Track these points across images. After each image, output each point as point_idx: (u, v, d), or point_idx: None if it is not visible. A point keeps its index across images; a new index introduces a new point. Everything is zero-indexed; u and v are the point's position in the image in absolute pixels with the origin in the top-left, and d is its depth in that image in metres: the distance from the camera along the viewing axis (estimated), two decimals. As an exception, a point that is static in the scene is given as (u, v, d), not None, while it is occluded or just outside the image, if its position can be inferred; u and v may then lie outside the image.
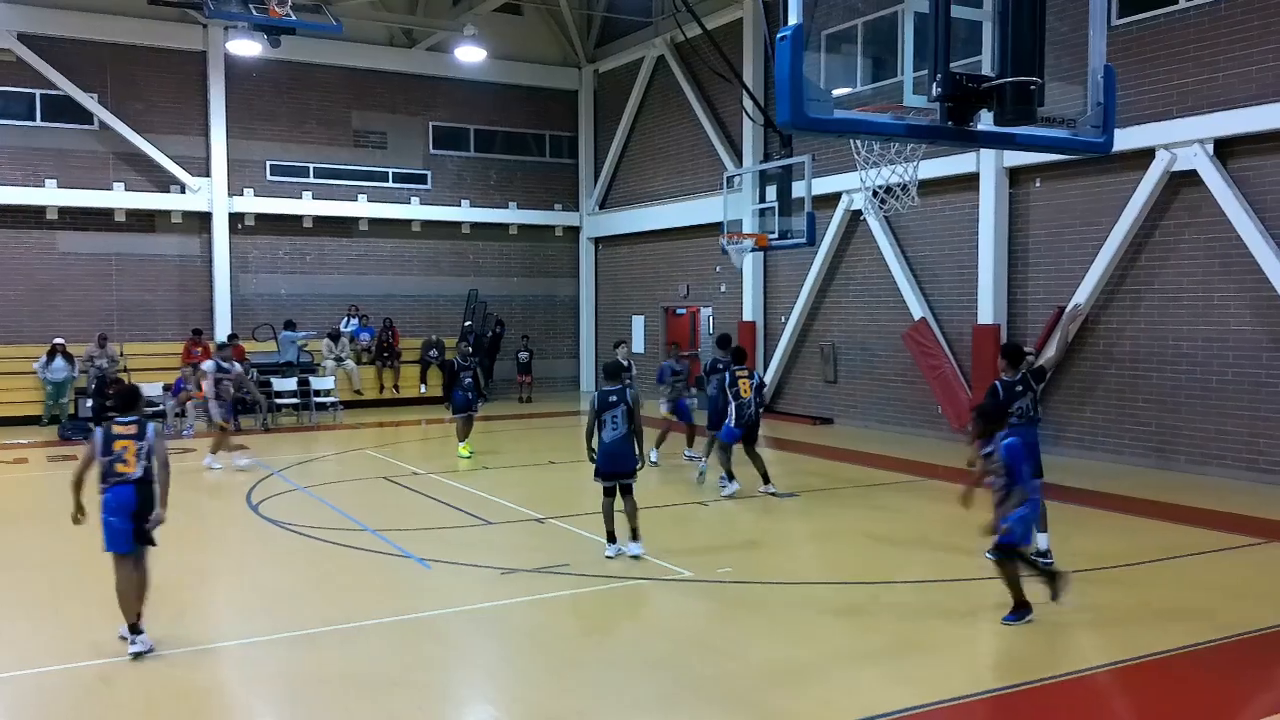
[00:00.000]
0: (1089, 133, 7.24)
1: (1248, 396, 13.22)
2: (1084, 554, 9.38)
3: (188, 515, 12.26)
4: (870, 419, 18.68)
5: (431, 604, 8.24)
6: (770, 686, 6.39)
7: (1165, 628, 7.45)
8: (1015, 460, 7.41)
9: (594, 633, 7.73)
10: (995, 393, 9.01)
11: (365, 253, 24.73)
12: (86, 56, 21.41)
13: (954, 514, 11.67)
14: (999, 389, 9.03)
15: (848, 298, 19.40)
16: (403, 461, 15.36)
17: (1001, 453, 7.47)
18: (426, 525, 11.10)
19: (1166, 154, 13.76)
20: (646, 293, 25.29)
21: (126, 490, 7.00)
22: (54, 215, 21.47)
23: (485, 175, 25.94)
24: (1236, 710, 6.16)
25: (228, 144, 22.71)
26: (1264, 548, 9.93)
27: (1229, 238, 13.26)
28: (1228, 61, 13.21)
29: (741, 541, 11.08)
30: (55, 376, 19.16)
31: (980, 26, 7.16)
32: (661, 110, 24.28)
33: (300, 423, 20.27)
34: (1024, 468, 7.51)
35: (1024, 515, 7.49)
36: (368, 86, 24.40)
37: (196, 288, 22.83)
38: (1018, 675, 6.57)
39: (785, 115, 6.19)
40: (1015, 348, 9.56)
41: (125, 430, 7.04)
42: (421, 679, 6.56)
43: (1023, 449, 7.51)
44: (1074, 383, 15.23)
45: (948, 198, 16.82)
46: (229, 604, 8.57)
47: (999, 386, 9.06)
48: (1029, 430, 9.06)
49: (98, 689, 6.47)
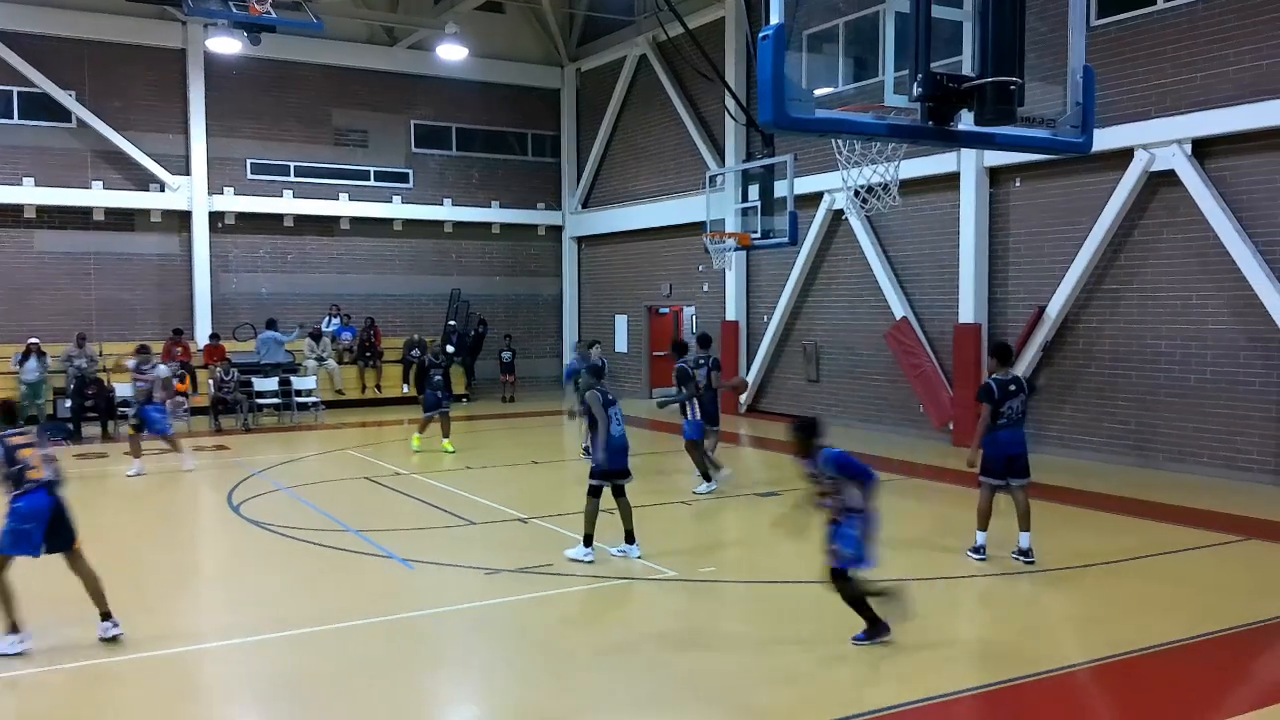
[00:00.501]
0: (1068, 133, 7.28)
1: (1225, 395, 13.33)
2: (1064, 551, 9.44)
3: (168, 517, 12.24)
4: (853, 418, 18.72)
5: (414, 604, 8.21)
6: (753, 685, 6.40)
7: (1146, 624, 7.51)
8: (847, 469, 6.79)
9: (577, 633, 7.72)
10: (989, 391, 8.96)
11: (347, 252, 24.63)
12: (65, 54, 21.23)
13: (935, 512, 11.75)
14: (993, 388, 8.98)
15: (830, 297, 19.45)
16: (385, 461, 15.30)
17: (827, 466, 6.80)
18: (409, 525, 11.06)
19: (1145, 154, 13.86)
20: (629, 292, 25.28)
21: (40, 495, 7.04)
22: (32, 214, 21.29)
23: (467, 174, 25.88)
24: (1217, 705, 6.21)
25: (208, 142, 22.59)
26: (1242, 544, 10.02)
27: (1207, 237, 13.37)
28: (1206, 62, 13.32)
29: (725, 541, 11.12)
30: (28, 377, 18.96)
31: (961, 27, 7.19)
32: (644, 109, 24.28)
33: (281, 423, 20.17)
34: (861, 474, 6.82)
35: (852, 535, 6.78)
36: (349, 85, 24.30)
37: (176, 287, 22.68)
38: (999, 673, 6.61)
39: (767, 115, 6.19)
40: (1005, 346, 9.54)
41: (23, 440, 7.17)
42: (404, 679, 6.53)
43: (848, 456, 6.87)
44: (1054, 382, 15.32)
45: (929, 197, 16.89)
46: (210, 605, 8.52)
47: (993, 385, 9.00)
48: (1015, 432, 9.08)
49: (79, 690, 6.42)
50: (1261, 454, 12.95)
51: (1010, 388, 9.01)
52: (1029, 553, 9.04)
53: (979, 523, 9.19)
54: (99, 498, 12.86)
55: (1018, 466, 9.09)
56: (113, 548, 10.31)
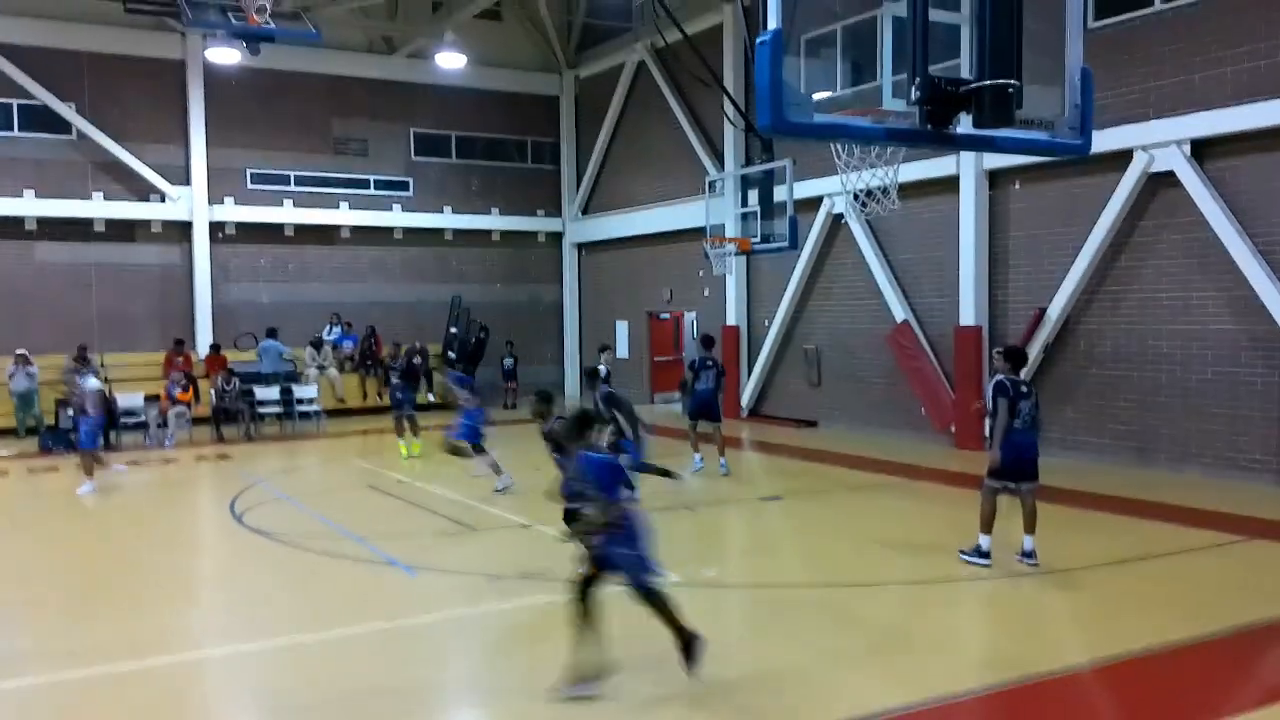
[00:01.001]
0: (1067, 135, 7.28)
1: (1226, 395, 13.32)
2: (1066, 552, 9.42)
3: (170, 525, 12.24)
4: (854, 421, 18.73)
5: (417, 611, 8.21)
6: (755, 688, 6.40)
7: (1148, 624, 7.49)
8: (603, 477, 6.10)
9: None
10: (1004, 388, 8.85)
11: (347, 260, 24.66)
12: (64, 66, 21.28)
13: (938, 515, 11.75)
14: (1008, 386, 8.87)
15: (830, 301, 19.46)
16: (387, 469, 15.30)
17: (587, 471, 6.16)
18: (411, 532, 11.05)
19: (1144, 155, 13.87)
20: (630, 298, 25.30)
21: None
22: (32, 225, 21.33)
23: (467, 181, 25.91)
24: (1220, 705, 6.20)
25: (208, 152, 22.63)
26: (1244, 544, 10.01)
27: (1206, 238, 13.37)
28: (1204, 63, 13.33)
29: (727, 545, 11.11)
30: (16, 387, 18.91)
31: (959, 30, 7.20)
32: (643, 115, 24.31)
33: (283, 432, 20.17)
34: (615, 487, 6.09)
35: (623, 552, 6.04)
36: (348, 94, 24.34)
37: (177, 297, 22.71)
38: (1003, 674, 6.60)
39: (766, 120, 6.20)
40: (1018, 349, 9.47)
41: None
42: (407, 686, 6.53)
43: (607, 464, 6.20)
44: (1055, 383, 15.32)
45: (928, 200, 16.90)
46: (213, 613, 8.51)
47: (1008, 384, 8.88)
48: (1029, 435, 9.03)
49: (78, 699, 6.42)
50: (1263, 454, 12.94)
51: (1023, 389, 8.98)
52: (1033, 554, 9.02)
53: (983, 526, 9.08)
54: (100, 507, 12.88)
55: (1028, 470, 9.03)
56: (114, 557, 10.35)
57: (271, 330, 21.94)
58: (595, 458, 6.26)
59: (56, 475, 13.40)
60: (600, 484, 6.09)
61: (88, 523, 12.27)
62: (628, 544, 6.07)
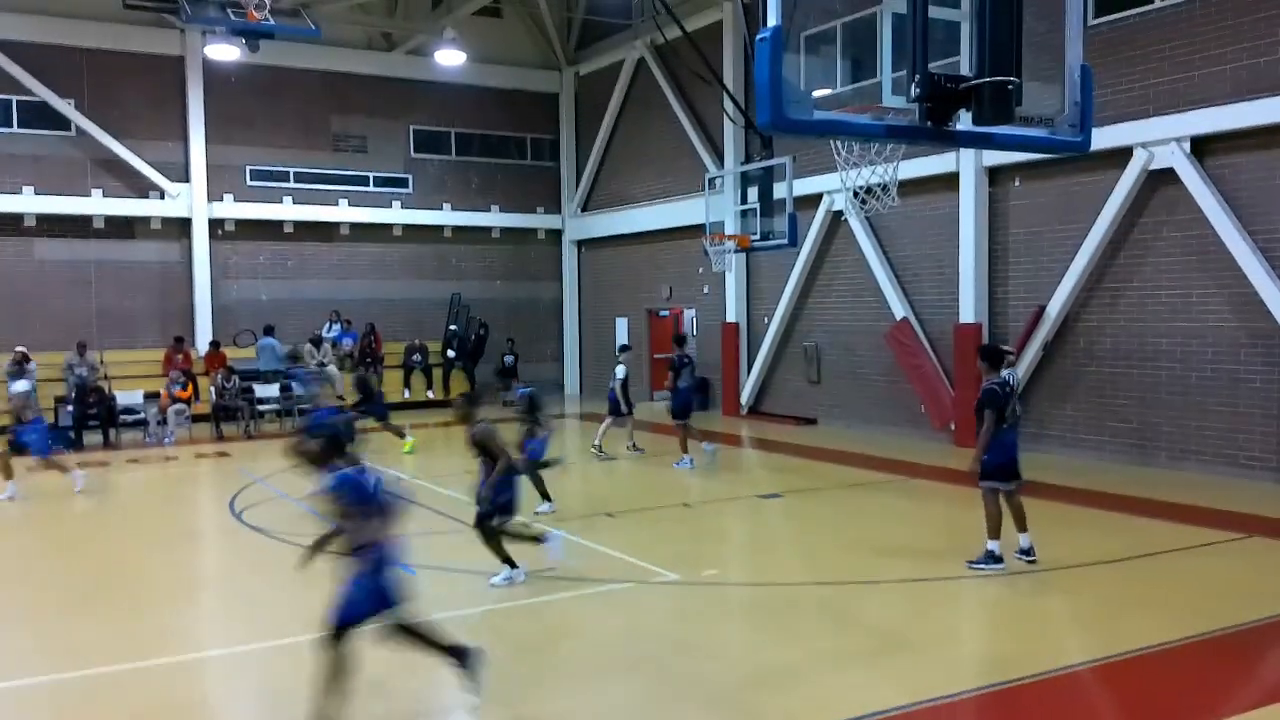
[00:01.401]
0: (1067, 132, 7.27)
1: (1226, 392, 13.32)
2: (1065, 550, 9.43)
3: (169, 524, 12.23)
4: (853, 419, 18.73)
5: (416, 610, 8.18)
6: (755, 687, 6.40)
7: (1147, 623, 7.49)
8: (355, 497, 5.61)
9: (580, 636, 7.71)
10: (995, 396, 8.76)
11: (347, 257, 24.64)
12: (63, 62, 21.25)
13: (936, 513, 11.75)
14: (999, 394, 8.77)
15: (830, 298, 19.45)
16: (385, 467, 15.27)
17: (340, 489, 5.60)
18: (410, 531, 11.00)
19: (1144, 152, 13.86)
20: (630, 295, 25.28)
21: None
22: (31, 222, 21.31)
23: (466, 179, 25.89)
24: (1219, 704, 6.19)
25: (207, 149, 22.60)
26: (1244, 542, 10.01)
27: (1206, 235, 13.37)
28: (1203, 60, 13.32)
29: (727, 543, 11.11)
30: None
31: (958, 27, 7.19)
32: (643, 112, 24.28)
33: (283, 429, 20.15)
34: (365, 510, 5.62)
35: (365, 584, 5.66)
36: (347, 90, 24.31)
37: (177, 294, 22.69)
38: (1001, 674, 6.60)
39: (765, 117, 6.19)
40: (994, 349, 9.39)
41: None
42: (406, 685, 6.53)
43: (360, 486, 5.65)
44: (1055, 380, 15.32)
45: (928, 197, 16.89)
46: (213, 613, 8.51)
47: (998, 392, 8.79)
48: (1015, 433, 9.02)
49: (79, 701, 6.42)
50: (1263, 451, 12.93)
51: (1007, 389, 8.96)
52: (1030, 551, 9.02)
53: (991, 531, 8.90)
54: (100, 506, 12.87)
55: (1017, 468, 9.04)
56: (115, 556, 10.34)
57: (269, 328, 21.91)
58: (349, 475, 5.65)
59: (56, 474, 13.45)
60: (352, 503, 5.60)
61: (87, 521, 12.27)
62: (366, 575, 5.63)
